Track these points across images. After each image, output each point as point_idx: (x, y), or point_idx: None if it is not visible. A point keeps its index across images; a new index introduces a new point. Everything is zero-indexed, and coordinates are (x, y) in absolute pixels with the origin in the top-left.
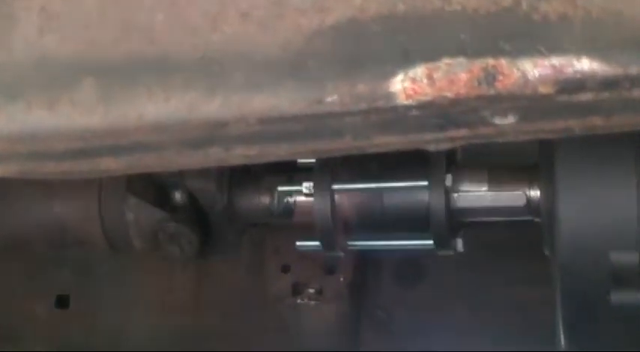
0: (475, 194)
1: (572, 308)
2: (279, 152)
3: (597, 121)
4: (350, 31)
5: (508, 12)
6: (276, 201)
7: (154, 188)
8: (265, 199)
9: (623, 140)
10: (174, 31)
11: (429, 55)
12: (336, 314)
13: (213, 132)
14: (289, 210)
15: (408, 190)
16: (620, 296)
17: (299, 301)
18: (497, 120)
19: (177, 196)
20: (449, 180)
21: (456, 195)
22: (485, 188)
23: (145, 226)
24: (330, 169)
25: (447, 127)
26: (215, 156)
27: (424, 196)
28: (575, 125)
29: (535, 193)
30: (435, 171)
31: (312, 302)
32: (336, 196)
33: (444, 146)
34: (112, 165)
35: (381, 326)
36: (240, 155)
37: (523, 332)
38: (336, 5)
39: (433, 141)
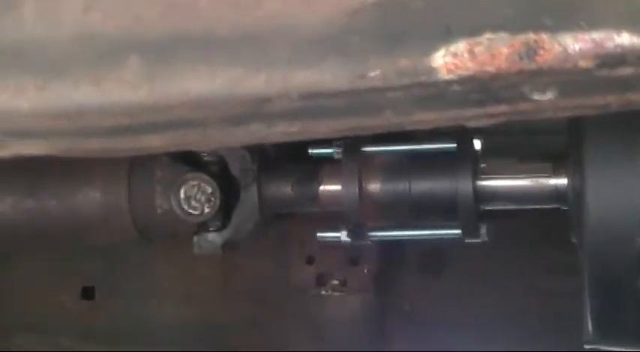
0: (503, 180)
1: (599, 296)
2: (320, 129)
3: (635, 97)
4: (391, 7)
5: None
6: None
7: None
8: (291, 190)
9: None
10: (217, 7)
11: (471, 29)
12: (360, 305)
13: (256, 108)
14: (315, 196)
15: (436, 177)
16: None
17: (323, 292)
18: (537, 96)
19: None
20: (477, 144)
21: (483, 182)
22: (513, 175)
23: (170, 182)
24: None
25: (486, 103)
26: (257, 132)
27: (452, 183)
28: (614, 101)
29: (563, 181)
30: (461, 160)
31: (337, 294)
32: (364, 179)
33: (484, 122)
34: (154, 142)
35: (405, 316)
36: (281, 132)
37: (546, 322)
38: None
39: (473, 117)
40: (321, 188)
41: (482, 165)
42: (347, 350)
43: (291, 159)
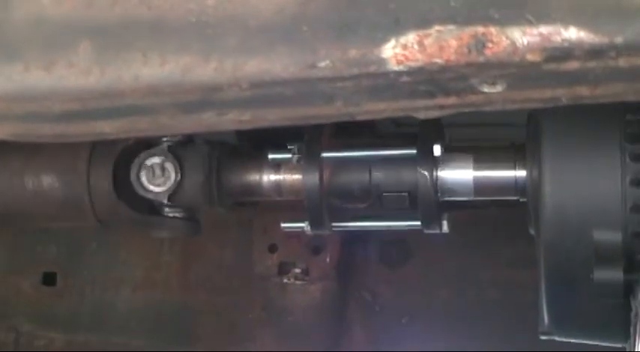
0: (462, 172)
1: (555, 287)
2: (270, 117)
3: (584, 91)
4: None
5: None
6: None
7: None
8: (254, 176)
9: (609, 120)
10: None
11: (420, 21)
12: (321, 293)
13: (207, 96)
14: (278, 187)
15: (397, 169)
16: (603, 275)
17: (285, 280)
18: (486, 89)
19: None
20: (437, 150)
21: (443, 173)
22: (471, 167)
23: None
24: (319, 142)
25: (436, 94)
26: (208, 120)
27: (412, 175)
28: (563, 94)
29: (521, 173)
30: (423, 149)
31: (299, 282)
32: (325, 171)
33: (434, 114)
34: (106, 128)
35: (366, 305)
36: (233, 120)
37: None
38: None
39: (423, 108)
40: (282, 177)
41: (443, 154)
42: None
43: (254, 148)
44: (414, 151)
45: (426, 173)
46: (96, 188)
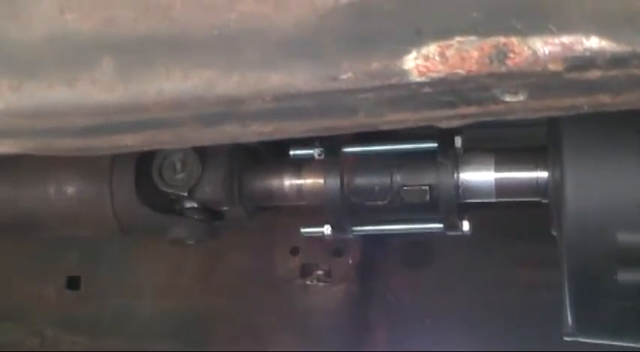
0: (484, 174)
1: (578, 288)
2: (293, 129)
3: (605, 99)
4: (363, 10)
5: None
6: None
7: None
8: (275, 181)
9: (630, 122)
10: (191, 10)
11: (441, 33)
12: (344, 295)
13: (229, 109)
14: (299, 191)
15: (418, 171)
16: (627, 276)
17: (307, 282)
18: (508, 98)
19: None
20: (458, 141)
21: (464, 175)
22: (492, 169)
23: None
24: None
25: (458, 104)
26: (231, 132)
27: (433, 178)
28: (584, 102)
29: (543, 174)
30: (443, 152)
31: (321, 284)
32: (345, 170)
33: (455, 123)
34: (129, 141)
35: (389, 307)
36: (255, 132)
37: (529, 314)
38: None
39: (444, 118)
40: (304, 182)
41: (464, 156)
42: (331, 340)
43: (276, 154)
44: (435, 144)
45: (447, 174)
46: (118, 189)
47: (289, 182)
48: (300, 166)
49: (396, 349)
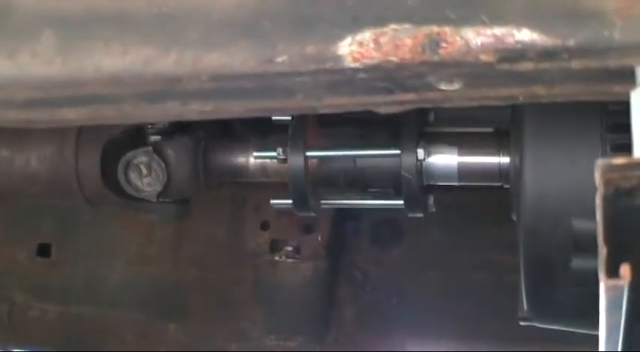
0: (445, 158)
1: (534, 274)
2: (233, 109)
3: (540, 90)
4: None
5: None
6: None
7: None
8: (240, 158)
9: (591, 110)
10: None
11: (377, 20)
12: (312, 272)
13: (168, 87)
14: (264, 168)
15: (381, 156)
16: (581, 262)
17: (276, 258)
18: (443, 86)
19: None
20: (421, 153)
21: (426, 159)
22: (455, 153)
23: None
24: (304, 131)
25: (394, 91)
26: (172, 110)
27: (396, 161)
28: (519, 93)
29: (505, 160)
30: (406, 137)
31: (290, 260)
32: (309, 152)
33: (394, 109)
34: (70, 115)
35: (357, 285)
36: (196, 110)
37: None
38: None
39: (382, 103)
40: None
41: (428, 138)
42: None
43: (243, 126)
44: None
45: (410, 158)
46: (84, 174)
47: (254, 159)
48: (265, 143)
49: (362, 327)
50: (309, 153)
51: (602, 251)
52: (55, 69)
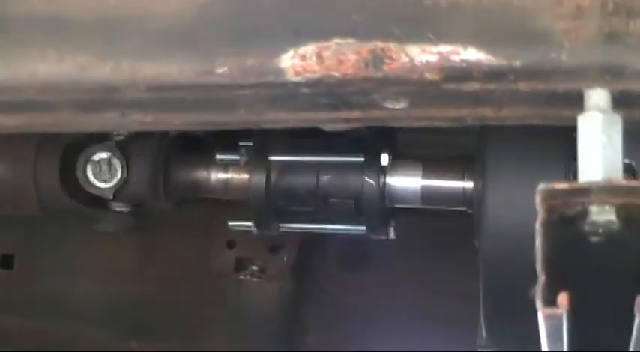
0: (410, 180)
1: (493, 301)
2: (174, 121)
3: (488, 112)
4: (244, 4)
5: None
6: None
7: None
8: (201, 174)
9: (554, 136)
10: None
11: (320, 33)
12: (277, 292)
13: (105, 96)
14: (225, 186)
15: (344, 175)
16: None
17: (241, 277)
18: (389, 104)
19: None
20: (385, 159)
21: (391, 180)
22: (420, 175)
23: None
24: (267, 145)
25: (339, 107)
26: (111, 120)
27: (359, 181)
28: (467, 114)
29: (469, 184)
30: (370, 157)
31: (255, 279)
32: (272, 173)
33: (340, 126)
34: (7, 121)
35: (323, 306)
36: (136, 121)
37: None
38: None
39: (327, 120)
40: (230, 176)
41: (392, 161)
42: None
43: (206, 142)
44: (362, 159)
45: (372, 180)
46: (42, 178)
47: (216, 176)
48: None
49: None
50: (272, 158)
51: (541, 279)
52: None
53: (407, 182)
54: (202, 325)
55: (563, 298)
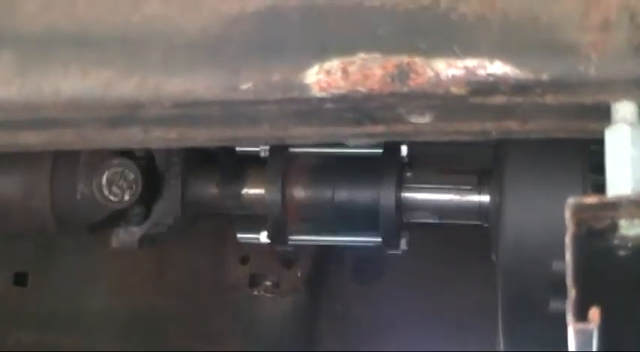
0: (426, 194)
1: (511, 314)
2: (198, 137)
3: (514, 125)
4: (269, 20)
5: (426, 10)
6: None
7: None
8: (215, 190)
9: (573, 149)
10: (95, 7)
11: (345, 48)
12: (292, 306)
13: (130, 112)
14: (238, 197)
15: (361, 189)
16: (558, 305)
17: (255, 292)
18: (414, 119)
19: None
20: (404, 150)
21: (406, 193)
22: (437, 189)
23: (94, 166)
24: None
25: (363, 122)
26: (135, 137)
27: (375, 194)
28: (492, 128)
29: (486, 198)
30: (386, 170)
31: (269, 295)
32: (287, 184)
33: (364, 141)
34: (31, 139)
35: (338, 320)
36: (159, 137)
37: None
38: None
39: (352, 135)
40: (246, 190)
41: (408, 175)
42: (278, 351)
43: (219, 157)
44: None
45: (388, 194)
46: (57, 196)
47: (231, 190)
48: (242, 176)
49: None
50: (292, 150)
51: (571, 293)
52: (14, 90)
53: (424, 196)
54: (217, 338)
55: (594, 313)
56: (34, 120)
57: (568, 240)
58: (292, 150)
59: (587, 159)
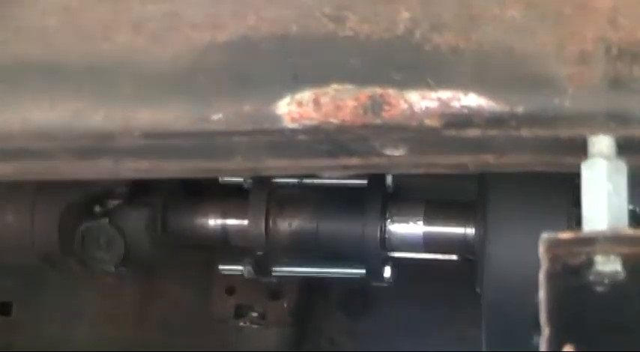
0: (411, 227)
1: (495, 347)
2: (170, 168)
3: (490, 159)
4: (241, 49)
5: (401, 40)
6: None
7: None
8: (200, 221)
9: (557, 183)
10: (65, 36)
11: (318, 79)
12: (278, 338)
13: (99, 143)
14: (223, 233)
15: (344, 222)
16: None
17: (241, 324)
18: (388, 151)
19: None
20: (389, 179)
21: (392, 227)
22: (420, 223)
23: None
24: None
25: (338, 155)
26: (105, 167)
27: (359, 228)
28: (468, 161)
29: (471, 231)
30: (370, 202)
31: (255, 326)
32: (271, 217)
33: (339, 173)
34: (2, 169)
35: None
36: (130, 168)
37: None
38: (230, 22)
39: (327, 167)
40: (228, 222)
41: (392, 207)
42: None
43: (202, 188)
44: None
45: (372, 228)
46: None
47: (214, 222)
48: (225, 207)
49: None
50: (275, 180)
51: (544, 331)
52: None
53: (408, 228)
54: None
55: (569, 349)
56: (3, 149)
57: (542, 276)
58: (275, 180)
59: (572, 193)
